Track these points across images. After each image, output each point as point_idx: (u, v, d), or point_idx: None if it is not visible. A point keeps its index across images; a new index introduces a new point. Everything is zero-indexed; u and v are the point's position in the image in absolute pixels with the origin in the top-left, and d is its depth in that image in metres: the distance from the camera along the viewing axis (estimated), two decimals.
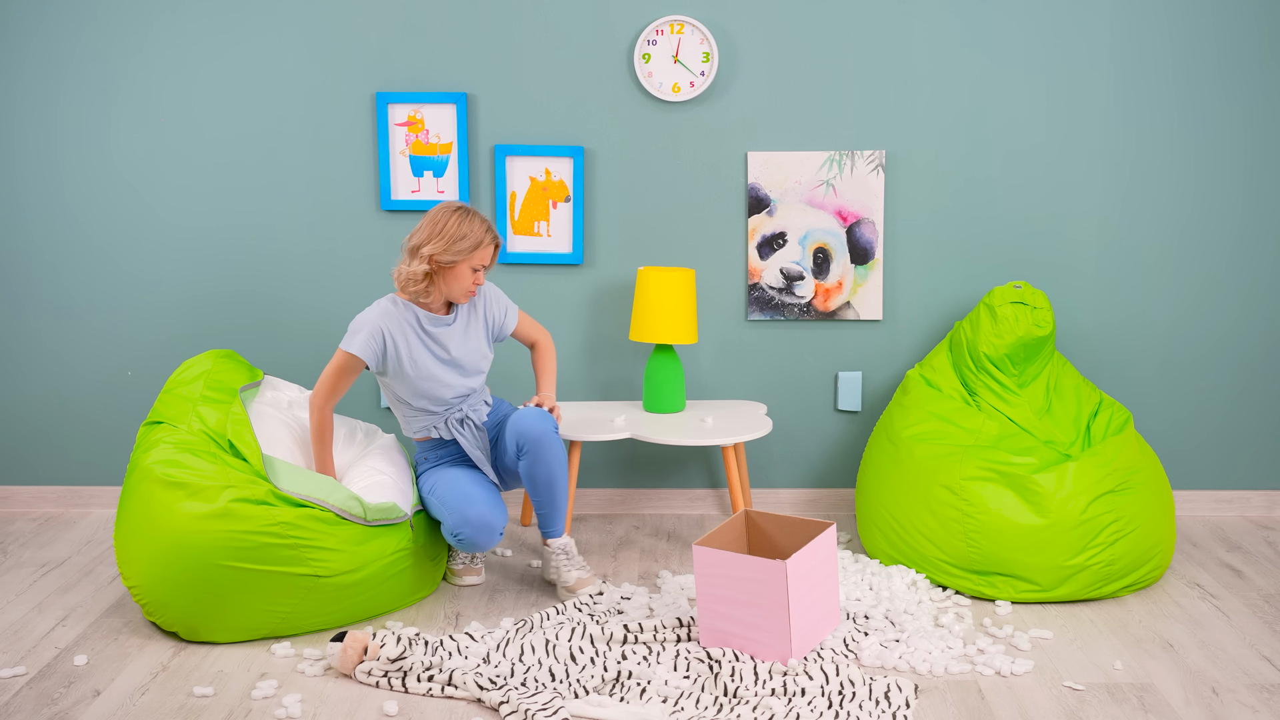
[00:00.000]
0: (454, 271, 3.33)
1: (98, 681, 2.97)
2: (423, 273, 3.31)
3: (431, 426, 3.51)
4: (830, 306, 4.11)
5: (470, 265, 3.33)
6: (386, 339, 3.35)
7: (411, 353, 3.38)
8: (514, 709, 2.77)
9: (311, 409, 3.42)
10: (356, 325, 3.37)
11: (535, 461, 3.39)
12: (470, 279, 3.35)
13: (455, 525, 3.33)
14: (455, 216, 3.32)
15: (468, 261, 3.32)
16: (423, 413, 3.49)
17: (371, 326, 3.34)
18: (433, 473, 3.52)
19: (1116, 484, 3.44)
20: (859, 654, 3.08)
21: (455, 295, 3.38)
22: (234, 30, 3.99)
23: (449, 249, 3.29)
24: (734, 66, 4.01)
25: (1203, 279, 4.10)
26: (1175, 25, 3.97)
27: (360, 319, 3.37)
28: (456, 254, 3.29)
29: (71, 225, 4.10)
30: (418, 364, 3.39)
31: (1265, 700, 2.88)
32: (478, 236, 3.31)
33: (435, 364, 3.41)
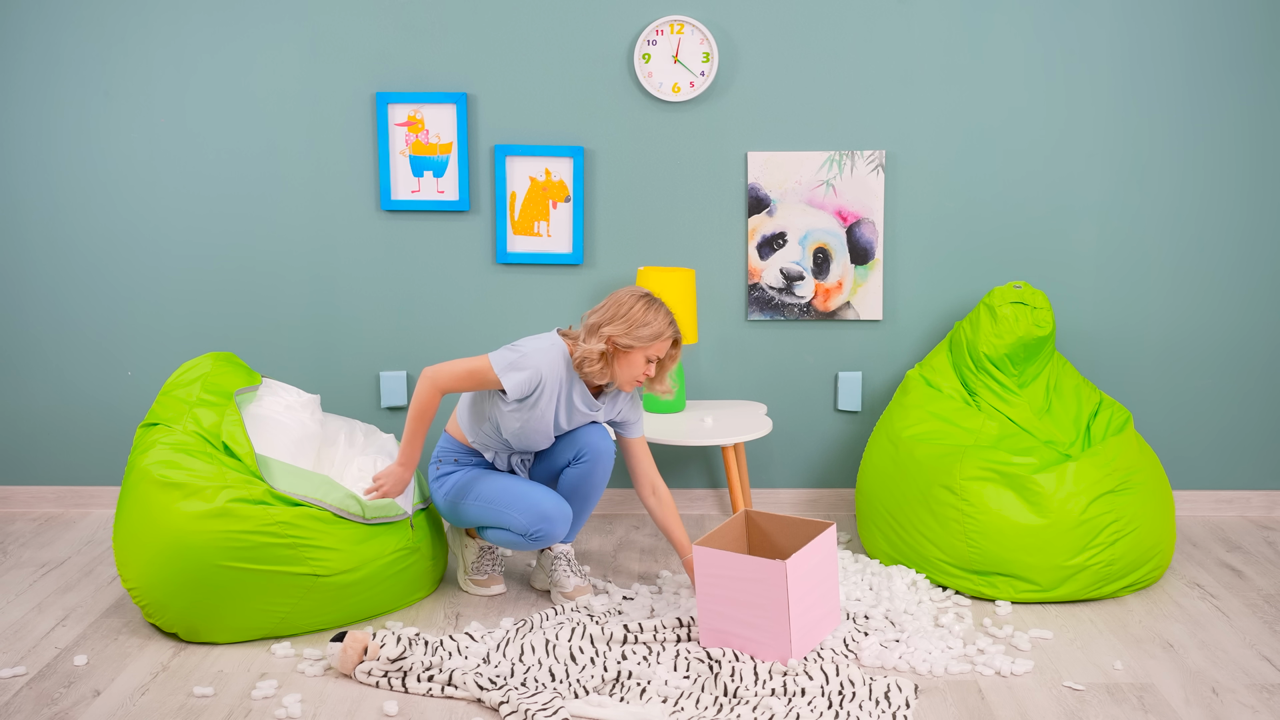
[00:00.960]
0: (629, 357, 3.25)
1: (98, 681, 2.97)
2: (598, 353, 3.23)
3: (495, 452, 3.47)
4: (830, 306, 4.11)
5: (646, 354, 3.26)
6: (539, 392, 3.26)
7: (545, 412, 3.31)
8: (514, 709, 2.77)
9: (424, 388, 3.28)
10: (522, 360, 3.25)
11: (590, 474, 3.40)
12: (642, 368, 3.27)
13: (531, 523, 3.30)
14: (642, 303, 3.25)
15: (644, 350, 3.24)
16: (500, 442, 3.43)
17: (534, 374, 3.24)
18: (466, 479, 3.43)
19: (1116, 484, 3.44)
20: (859, 654, 3.08)
21: (623, 381, 3.30)
22: (234, 31, 3.99)
23: (629, 333, 3.21)
24: (734, 66, 4.01)
25: (1203, 279, 4.10)
26: (1175, 25, 3.97)
27: (530, 355, 3.26)
28: (635, 340, 3.22)
29: (71, 225, 4.10)
30: (541, 420, 3.32)
31: (1265, 700, 2.88)
32: (659, 327, 3.24)
33: (551, 427, 3.36)
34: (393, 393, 4.16)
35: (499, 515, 3.35)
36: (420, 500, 3.49)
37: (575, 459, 3.39)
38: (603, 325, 3.24)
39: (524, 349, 3.27)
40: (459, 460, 3.49)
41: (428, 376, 3.27)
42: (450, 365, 3.28)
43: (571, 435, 3.41)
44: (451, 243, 4.10)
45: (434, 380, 3.27)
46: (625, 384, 3.31)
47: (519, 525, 3.32)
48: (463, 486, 3.42)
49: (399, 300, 4.13)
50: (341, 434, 3.64)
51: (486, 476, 3.42)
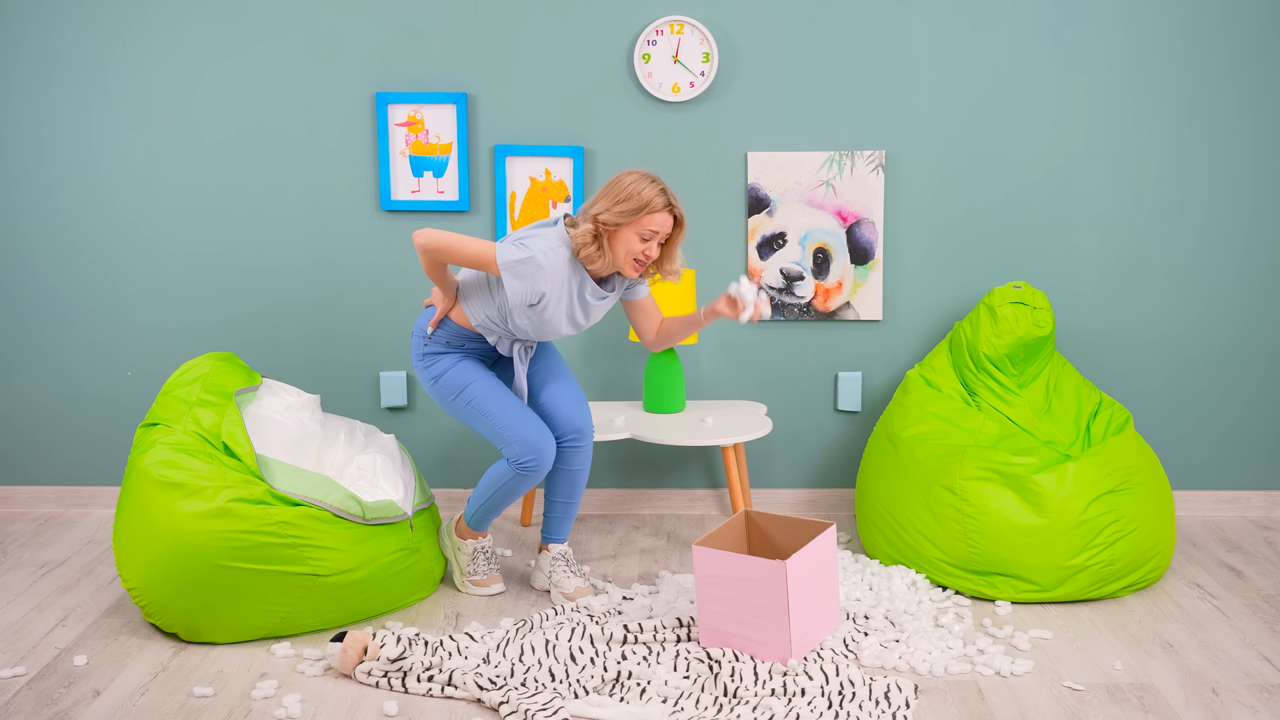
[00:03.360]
0: (620, 236, 3.10)
1: (98, 681, 2.97)
2: (590, 235, 3.09)
3: (498, 337, 3.30)
4: (830, 307, 4.11)
5: (637, 231, 3.09)
6: (544, 301, 3.12)
7: (553, 309, 3.15)
8: (514, 709, 2.77)
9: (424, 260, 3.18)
10: (525, 266, 3.07)
11: (577, 457, 3.37)
12: (639, 247, 3.11)
13: (523, 453, 3.22)
14: (631, 177, 3.10)
15: (634, 227, 3.09)
16: (503, 329, 3.27)
17: (535, 283, 3.08)
18: (462, 373, 3.29)
19: (1116, 484, 3.44)
20: (859, 654, 3.08)
21: (621, 264, 3.13)
22: (234, 30, 3.99)
23: (613, 209, 3.07)
24: (734, 66, 4.01)
25: (1203, 279, 4.10)
26: (1175, 25, 3.97)
27: (537, 257, 3.07)
28: (621, 215, 3.07)
29: (71, 225, 4.10)
30: (549, 318, 3.17)
31: (1265, 700, 2.88)
32: (645, 198, 3.07)
33: (565, 323, 3.21)
34: (393, 393, 4.16)
35: (492, 431, 3.26)
36: (420, 500, 3.49)
37: (563, 441, 3.37)
38: (592, 205, 3.12)
39: (531, 250, 3.08)
40: (450, 342, 3.32)
41: (426, 247, 3.12)
42: (451, 239, 3.11)
43: (557, 412, 3.35)
44: None
45: (431, 250, 3.13)
46: (625, 267, 3.15)
47: (510, 451, 3.25)
48: (458, 382, 3.29)
49: (399, 300, 4.13)
50: (341, 434, 3.64)
51: (484, 379, 3.29)
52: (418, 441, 4.21)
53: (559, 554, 3.47)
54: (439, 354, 3.32)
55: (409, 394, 4.19)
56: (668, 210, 3.11)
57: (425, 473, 4.22)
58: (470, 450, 4.22)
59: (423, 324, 3.36)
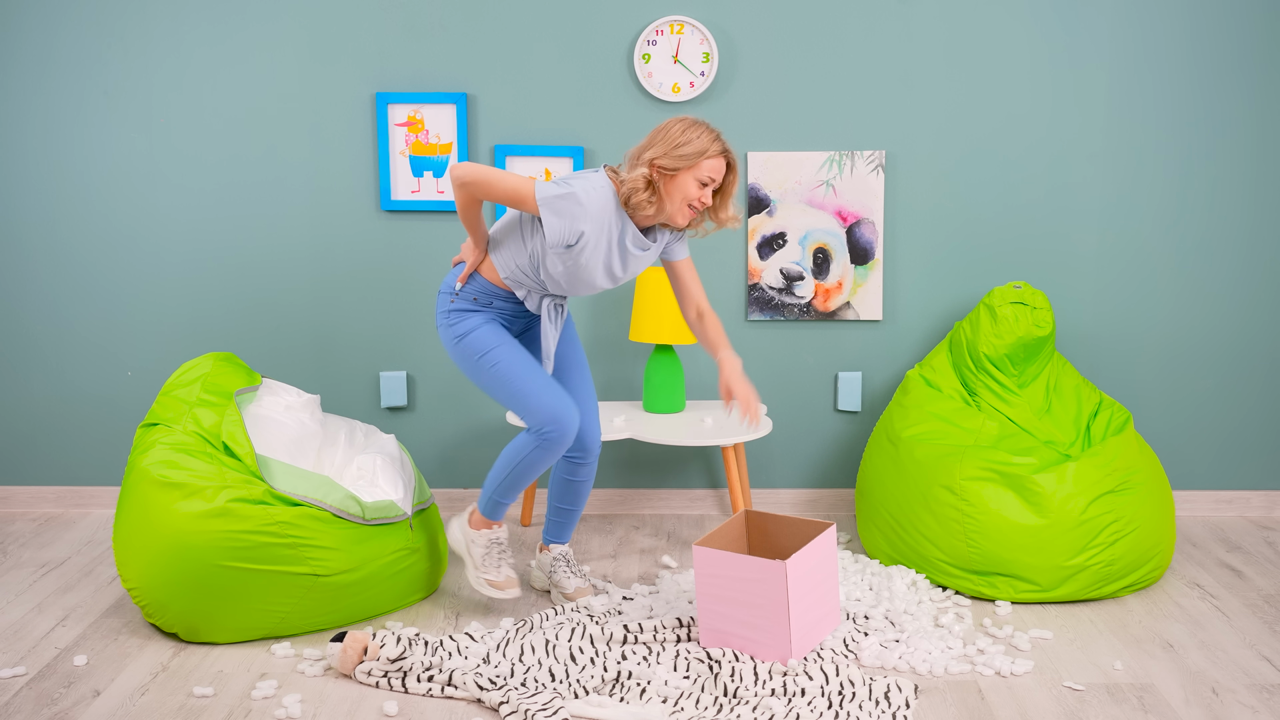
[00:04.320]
0: (676, 181, 2.99)
1: (98, 681, 2.97)
2: (644, 180, 2.98)
3: (527, 290, 3.17)
4: (830, 307, 4.11)
5: (695, 176, 2.99)
6: (583, 243, 3.00)
7: (590, 252, 3.03)
8: (514, 709, 2.77)
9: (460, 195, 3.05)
10: (565, 202, 2.96)
11: (581, 470, 3.36)
12: (695, 193, 3.01)
13: (545, 421, 3.09)
14: (682, 123, 3.01)
15: (692, 171, 2.98)
16: (534, 280, 3.14)
17: (574, 221, 2.97)
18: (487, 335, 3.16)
19: (1116, 484, 3.44)
20: (859, 654, 3.08)
21: (674, 211, 3.02)
22: (234, 30, 3.99)
23: (670, 153, 2.97)
24: (734, 66, 4.01)
25: (1203, 279, 4.10)
26: (1176, 24, 3.97)
27: (578, 193, 2.97)
28: (679, 159, 2.97)
29: (72, 225, 4.10)
30: (585, 264, 3.05)
31: (1265, 700, 2.88)
32: (703, 144, 2.98)
33: (601, 272, 3.08)
34: (393, 393, 4.16)
35: (513, 397, 3.13)
36: (420, 501, 3.49)
37: (574, 458, 3.36)
38: (644, 151, 3.01)
39: (573, 187, 2.97)
40: (478, 300, 3.19)
41: (463, 180, 3.00)
42: (489, 172, 2.99)
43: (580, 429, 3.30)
44: (452, 243, 4.10)
45: (469, 182, 3.01)
46: (677, 214, 3.04)
47: (532, 421, 3.11)
48: (482, 343, 3.15)
49: (399, 300, 4.13)
50: (341, 434, 3.64)
51: (510, 344, 3.17)
52: (418, 441, 4.21)
53: (559, 554, 3.46)
54: (466, 311, 3.18)
55: (409, 394, 4.19)
56: (723, 155, 3.03)
57: (425, 473, 4.22)
58: (470, 450, 4.22)
59: (451, 280, 3.23)
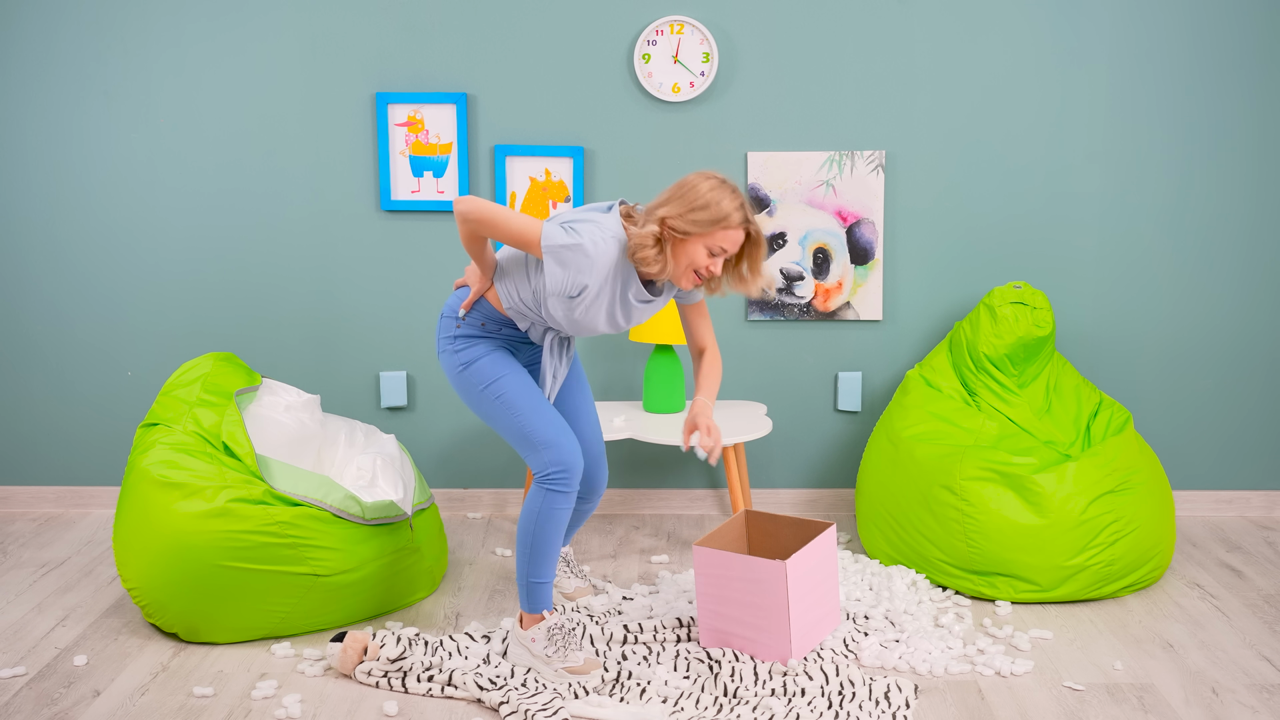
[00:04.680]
0: (686, 247, 2.77)
1: (98, 681, 2.97)
2: (653, 238, 2.76)
3: (530, 323, 3.00)
4: (830, 307, 4.11)
5: (707, 245, 2.77)
6: (583, 293, 2.80)
7: (590, 304, 2.83)
8: (514, 709, 2.77)
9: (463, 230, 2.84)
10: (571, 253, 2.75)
11: (585, 505, 3.27)
12: (703, 261, 2.78)
13: (549, 464, 2.90)
14: (708, 183, 2.77)
15: (705, 239, 2.76)
16: (537, 315, 2.97)
17: (578, 274, 2.77)
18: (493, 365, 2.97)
19: (1116, 484, 3.44)
20: (859, 654, 3.08)
21: (678, 273, 2.81)
22: (234, 30, 3.99)
23: (685, 215, 2.74)
24: (734, 66, 4.01)
25: (1203, 279, 4.10)
26: (1175, 25, 3.97)
27: (586, 245, 2.75)
28: (692, 224, 2.74)
29: (72, 225, 4.10)
30: (586, 313, 2.85)
31: (1265, 700, 2.88)
32: (722, 210, 2.73)
33: (603, 321, 2.89)
34: (393, 393, 4.16)
35: (517, 431, 2.94)
36: (420, 501, 3.49)
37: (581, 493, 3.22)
38: (657, 207, 2.80)
39: (582, 237, 2.76)
40: (486, 327, 3.00)
41: (466, 216, 2.80)
42: (495, 211, 2.79)
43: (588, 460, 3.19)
44: (451, 243, 4.10)
45: (472, 220, 2.81)
46: (680, 277, 2.82)
47: (537, 461, 2.93)
48: (489, 372, 2.96)
49: (399, 300, 4.13)
50: (341, 434, 3.64)
51: (517, 374, 2.98)
52: (418, 441, 4.21)
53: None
54: (472, 338, 3.00)
55: (409, 394, 4.19)
56: (743, 228, 2.80)
57: (425, 473, 4.22)
58: (470, 450, 4.22)
59: (454, 304, 3.04)
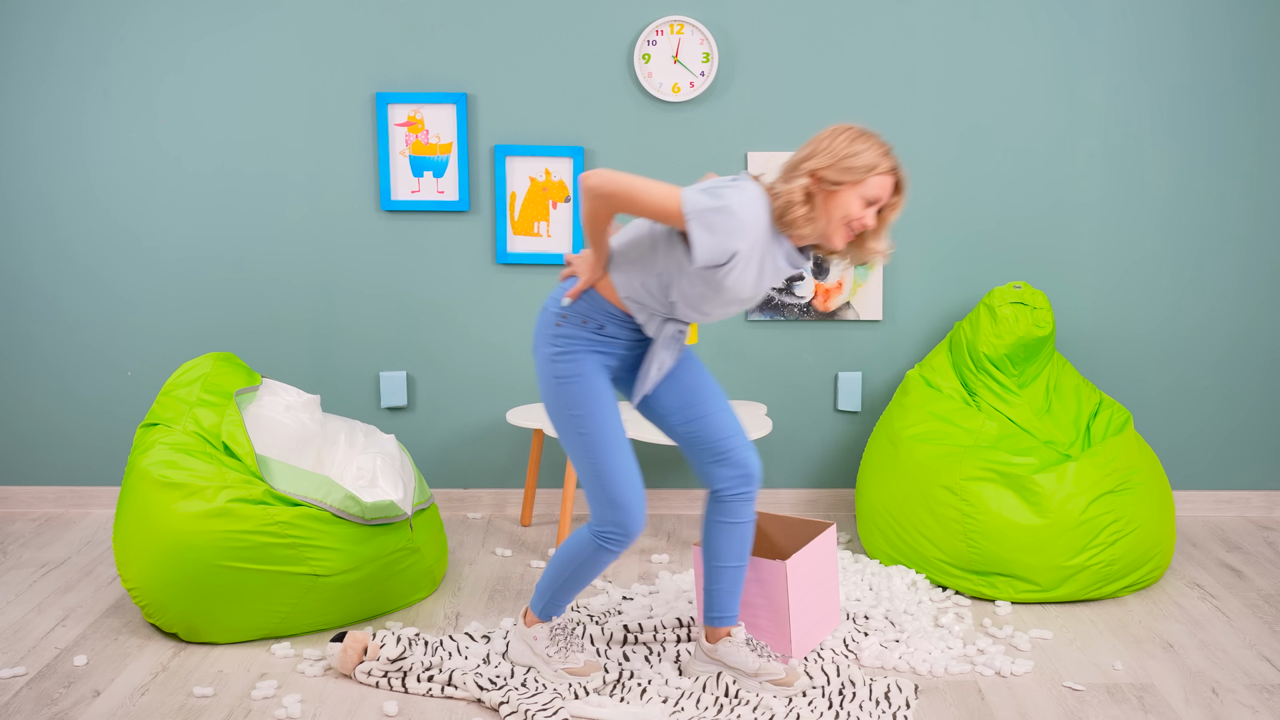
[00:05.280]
0: (839, 198, 2.59)
1: (98, 681, 2.97)
2: (802, 193, 2.59)
3: (649, 314, 2.75)
4: (830, 307, 4.11)
5: (861, 194, 2.60)
6: (731, 260, 2.57)
7: (737, 275, 2.61)
8: (514, 709, 2.77)
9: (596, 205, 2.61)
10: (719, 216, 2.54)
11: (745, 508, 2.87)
12: (857, 212, 2.61)
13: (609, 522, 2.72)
14: (849, 133, 2.62)
15: (857, 188, 2.59)
16: (660, 303, 2.72)
17: (727, 239, 2.55)
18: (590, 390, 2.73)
19: (1116, 484, 3.44)
20: (859, 654, 3.08)
21: (831, 230, 2.62)
22: (234, 31, 3.99)
23: (835, 164, 2.58)
24: (734, 66, 4.01)
25: (1203, 279, 4.10)
26: (1175, 26, 3.97)
27: (733, 207, 2.54)
28: (843, 173, 2.57)
29: (72, 225, 4.10)
30: (729, 287, 2.63)
31: (1265, 700, 2.88)
32: (873, 158, 2.59)
33: (748, 291, 2.66)
34: (393, 393, 4.16)
35: (591, 476, 2.74)
36: (420, 501, 3.49)
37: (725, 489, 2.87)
38: (803, 160, 2.61)
39: (726, 199, 2.55)
40: (588, 323, 2.74)
41: (601, 190, 2.59)
42: (632, 181, 2.58)
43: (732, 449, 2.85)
44: (451, 243, 4.10)
45: (608, 194, 2.59)
46: (834, 234, 2.63)
47: (599, 515, 2.75)
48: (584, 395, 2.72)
49: (399, 300, 4.13)
50: (341, 434, 3.64)
51: (612, 409, 2.74)
52: (418, 441, 4.21)
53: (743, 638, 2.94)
54: (572, 342, 2.73)
55: (409, 394, 4.19)
56: (893, 174, 2.64)
57: (425, 473, 4.22)
58: (470, 450, 4.22)
59: (559, 297, 2.79)
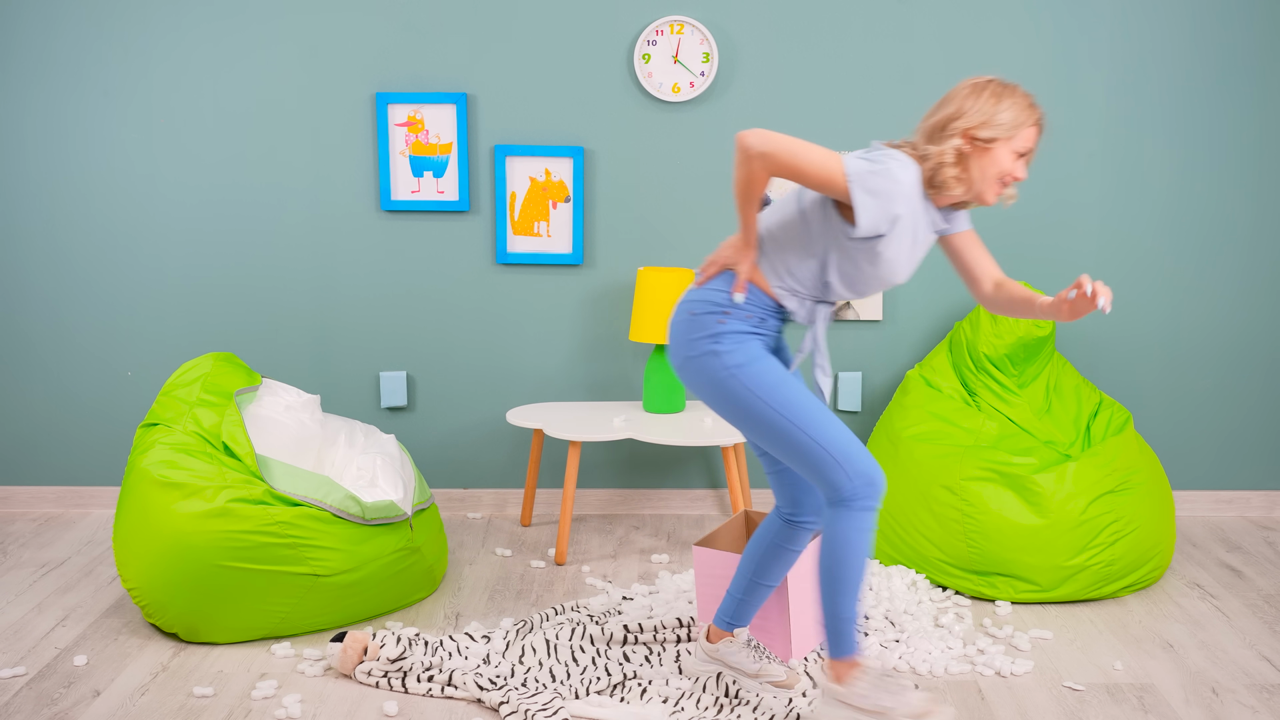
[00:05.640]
0: (992, 154, 2.51)
1: (98, 681, 2.97)
2: (954, 152, 2.51)
3: (800, 300, 2.62)
4: None
5: (1013, 147, 2.52)
6: (896, 225, 2.47)
7: (896, 249, 2.51)
8: (514, 709, 2.77)
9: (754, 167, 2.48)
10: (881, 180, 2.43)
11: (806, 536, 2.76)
12: (1009, 166, 2.53)
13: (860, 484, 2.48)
14: (991, 86, 2.53)
15: (1009, 142, 2.51)
16: (816, 287, 2.60)
17: (890, 203, 2.44)
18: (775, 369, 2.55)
19: (1116, 484, 3.44)
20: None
21: (985, 187, 2.53)
22: (233, 31, 3.99)
23: (989, 122, 2.49)
24: (734, 66, 4.01)
25: (1203, 279, 4.10)
26: (1175, 26, 3.97)
27: (893, 169, 2.45)
28: (998, 128, 2.49)
29: (71, 225, 4.10)
30: (888, 262, 2.52)
31: (1265, 700, 2.88)
32: (1022, 110, 2.52)
33: (904, 261, 2.56)
34: (393, 393, 4.16)
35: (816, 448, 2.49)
36: (420, 501, 3.49)
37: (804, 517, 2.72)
38: (951, 120, 2.52)
39: (884, 161, 2.45)
40: (750, 316, 2.59)
41: (762, 149, 2.44)
42: (794, 143, 2.43)
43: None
44: (451, 243, 4.10)
45: (769, 154, 2.44)
46: (987, 191, 2.55)
47: (843, 476, 2.48)
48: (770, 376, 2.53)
49: (399, 300, 4.13)
50: (341, 434, 3.64)
51: (797, 380, 2.58)
52: (418, 441, 4.21)
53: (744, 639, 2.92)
54: (740, 334, 2.56)
55: (409, 394, 4.19)
56: (1039, 124, 2.56)
57: (425, 473, 4.22)
58: (470, 450, 4.22)
59: (711, 297, 2.60)
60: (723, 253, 2.64)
